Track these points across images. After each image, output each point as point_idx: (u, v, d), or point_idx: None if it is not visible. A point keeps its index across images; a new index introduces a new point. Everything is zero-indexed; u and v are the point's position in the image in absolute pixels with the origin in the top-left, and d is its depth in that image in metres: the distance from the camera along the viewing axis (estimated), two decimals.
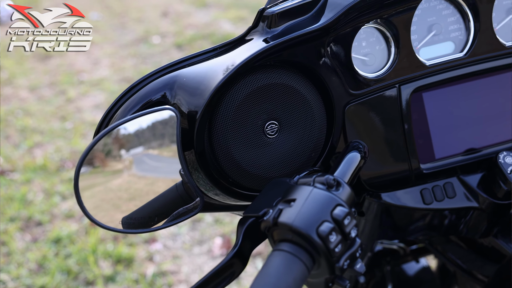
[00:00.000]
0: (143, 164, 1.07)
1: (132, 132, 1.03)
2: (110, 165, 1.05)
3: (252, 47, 0.99)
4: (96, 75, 5.57)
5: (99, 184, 1.05)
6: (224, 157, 1.01)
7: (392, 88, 1.09)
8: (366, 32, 1.08)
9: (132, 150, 1.06)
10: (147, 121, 1.01)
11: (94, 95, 5.11)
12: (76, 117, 4.71)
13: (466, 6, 1.12)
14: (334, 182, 0.84)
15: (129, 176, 1.08)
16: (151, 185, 1.09)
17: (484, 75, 1.16)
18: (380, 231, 1.27)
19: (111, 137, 1.02)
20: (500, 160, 1.11)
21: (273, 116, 1.02)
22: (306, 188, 0.83)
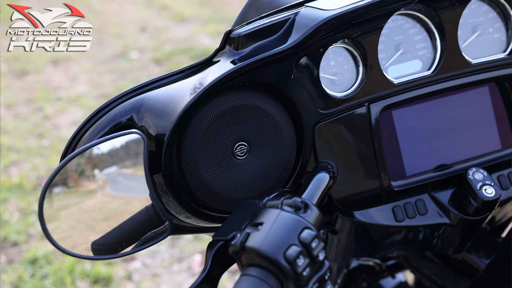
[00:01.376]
0: (114, 186, 1.06)
1: (99, 155, 1.02)
2: (80, 187, 1.04)
3: (220, 69, 0.99)
4: (74, 91, 5.52)
5: (66, 210, 1.03)
6: (193, 179, 1.00)
7: (362, 107, 1.10)
8: (334, 52, 1.09)
9: (103, 171, 1.05)
10: (115, 144, 1.00)
11: (72, 112, 5.07)
12: (53, 134, 4.66)
13: (432, 24, 1.13)
14: (302, 205, 0.84)
15: (99, 198, 1.07)
16: (121, 208, 1.08)
17: (452, 92, 1.17)
18: (355, 249, 1.27)
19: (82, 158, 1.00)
20: (470, 176, 1.12)
21: (242, 137, 1.02)
22: (274, 211, 0.83)
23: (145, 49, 6.48)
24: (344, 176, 1.11)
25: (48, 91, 5.55)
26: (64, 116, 5.01)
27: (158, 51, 6.36)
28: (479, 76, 1.17)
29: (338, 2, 1.05)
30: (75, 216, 1.05)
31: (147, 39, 6.83)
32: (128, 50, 6.48)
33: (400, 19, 1.13)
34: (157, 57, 6.18)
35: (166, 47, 6.47)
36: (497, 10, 1.19)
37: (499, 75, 1.19)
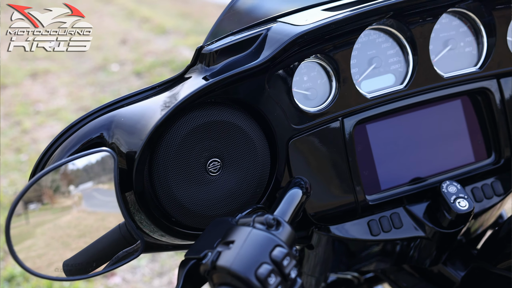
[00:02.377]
0: (89, 202, 1.04)
1: (75, 171, 1.01)
2: (55, 204, 1.02)
3: (191, 85, 0.98)
4: (53, 105, 5.47)
5: (41, 226, 1.02)
6: (165, 196, 0.99)
7: (335, 121, 1.10)
8: (307, 67, 1.09)
9: (79, 187, 1.04)
10: (90, 160, 0.99)
11: (51, 126, 5.01)
12: (32, 149, 4.60)
13: (404, 39, 1.14)
14: (274, 222, 0.83)
15: (75, 214, 1.05)
16: (97, 224, 1.06)
17: (425, 106, 1.18)
18: (333, 263, 1.27)
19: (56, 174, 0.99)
20: (444, 189, 1.13)
21: (215, 154, 1.01)
22: (245, 229, 0.82)
23: (125, 62, 6.45)
24: (318, 191, 1.10)
25: (27, 105, 5.49)
26: (42, 130, 4.95)
27: (138, 63, 6.33)
28: (451, 90, 1.18)
29: (310, 17, 1.06)
30: (50, 233, 1.03)
31: (127, 52, 6.80)
32: (108, 62, 6.45)
33: (373, 34, 1.14)
34: (137, 70, 6.15)
35: (147, 59, 6.45)
36: (467, 25, 1.20)
37: (471, 89, 1.20)
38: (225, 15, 1.07)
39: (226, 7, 1.07)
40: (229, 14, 1.08)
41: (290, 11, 1.11)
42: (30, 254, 0.98)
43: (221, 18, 1.07)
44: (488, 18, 1.17)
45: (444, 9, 1.14)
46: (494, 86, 1.20)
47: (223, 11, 1.07)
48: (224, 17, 1.07)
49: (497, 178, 1.25)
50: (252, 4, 1.15)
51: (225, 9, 1.07)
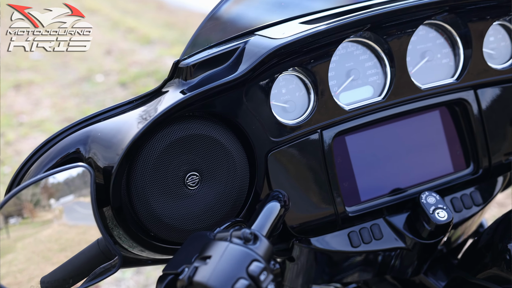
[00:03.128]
0: (71, 215, 1.03)
1: (55, 184, 1.00)
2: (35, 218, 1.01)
3: (168, 99, 0.98)
4: (37, 116, 5.42)
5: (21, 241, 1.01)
6: (143, 210, 0.98)
7: (314, 134, 1.10)
8: (285, 79, 1.09)
9: (60, 200, 1.03)
10: (71, 173, 0.98)
11: (35, 137, 4.97)
12: (15, 161, 4.55)
13: (382, 51, 1.15)
14: (251, 236, 0.83)
15: (56, 228, 1.04)
16: (78, 238, 1.06)
17: (404, 117, 1.19)
18: (315, 274, 1.27)
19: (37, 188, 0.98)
20: (423, 200, 1.13)
21: (193, 168, 1.00)
22: (222, 243, 0.82)
23: (110, 72, 6.42)
24: (298, 204, 1.10)
25: (10, 116, 5.44)
26: (26, 141, 4.91)
27: (123, 74, 6.31)
28: (429, 101, 1.19)
29: (288, 30, 1.06)
30: (30, 247, 1.02)
31: (112, 62, 6.77)
32: (93, 73, 6.41)
33: (350, 46, 1.14)
34: (122, 80, 6.13)
35: (132, 69, 6.43)
36: (444, 36, 1.21)
37: (449, 100, 1.21)
38: (202, 29, 1.08)
39: (203, 21, 1.08)
40: (206, 28, 1.08)
41: (268, 24, 1.12)
42: (11, 269, 0.97)
43: (198, 32, 1.07)
44: (464, 30, 1.19)
45: (421, 21, 1.15)
46: (471, 97, 1.21)
47: (200, 25, 1.07)
48: (201, 31, 1.08)
49: (476, 188, 1.26)
50: (230, 18, 1.15)
51: (202, 23, 1.08)
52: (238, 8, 1.20)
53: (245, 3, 1.21)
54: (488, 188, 1.28)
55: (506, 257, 1.05)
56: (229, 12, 1.17)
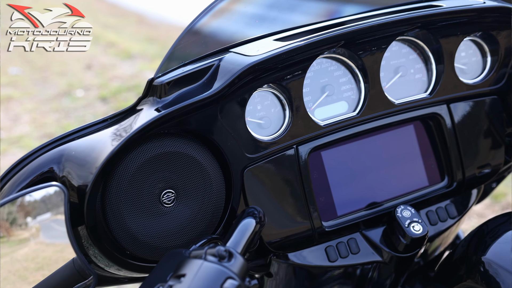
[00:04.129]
0: (48, 233, 1.02)
1: (32, 202, 0.99)
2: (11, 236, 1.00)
3: (143, 117, 0.98)
4: (16, 132, 5.36)
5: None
6: (119, 229, 0.98)
7: (290, 149, 1.11)
8: (260, 96, 1.10)
9: (36, 218, 1.02)
10: (43, 193, 0.98)
11: (13, 153, 4.91)
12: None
13: (356, 67, 1.16)
14: (226, 253, 0.83)
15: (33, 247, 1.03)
16: (56, 256, 1.04)
17: (379, 132, 1.20)
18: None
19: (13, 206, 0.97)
20: (398, 214, 1.14)
21: (169, 185, 1.00)
22: (197, 261, 0.81)
23: (90, 87, 6.39)
24: (275, 219, 1.11)
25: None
26: (4, 158, 4.85)
27: (104, 88, 6.28)
28: (403, 116, 1.21)
29: (262, 47, 1.07)
30: (7, 266, 1.01)
31: (92, 77, 6.74)
32: (73, 88, 6.37)
33: (325, 62, 1.16)
34: (103, 95, 6.10)
35: (113, 84, 6.40)
36: (417, 52, 1.23)
37: (423, 114, 1.22)
38: (176, 47, 1.08)
39: (177, 39, 1.08)
40: (180, 46, 1.09)
41: (243, 41, 1.13)
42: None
43: (172, 49, 1.07)
44: (436, 46, 1.21)
45: (394, 37, 1.17)
46: (444, 111, 1.23)
47: (174, 42, 1.08)
48: (175, 48, 1.08)
49: (451, 201, 1.27)
50: (204, 35, 1.16)
51: (176, 40, 1.08)
52: (213, 25, 1.21)
53: (220, 19, 1.22)
54: (463, 201, 1.30)
55: (481, 269, 1.07)
56: (204, 29, 1.17)
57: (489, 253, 1.07)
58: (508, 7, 1.20)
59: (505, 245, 1.06)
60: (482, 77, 1.27)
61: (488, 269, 1.05)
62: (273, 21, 1.28)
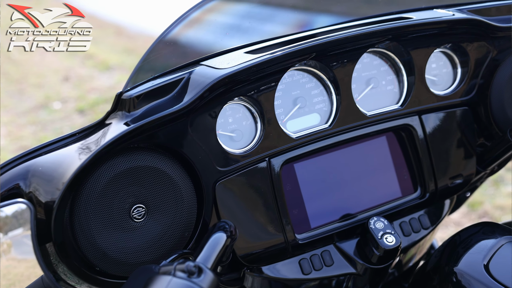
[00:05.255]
0: (20, 249, 1.00)
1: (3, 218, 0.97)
2: None
3: (111, 131, 0.97)
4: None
5: None
6: (88, 245, 0.96)
7: (262, 162, 1.10)
8: (232, 109, 1.09)
9: (8, 234, 1.00)
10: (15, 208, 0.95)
11: None
12: None
13: (327, 79, 1.16)
14: (195, 269, 0.82)
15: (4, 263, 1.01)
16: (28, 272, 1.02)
17: (352, 143, 1.20)
18: None
19: None
20: (371, 225, 1.14)
21: (139, 200, 0.99)
22: (165, 278, 0.80)
23: (68, 99, 6.33)
24: (248, 232, 1.10)
25: None
26: None
27: (81, 100, 6.22)
28: (375, 127, 1.21)
29: (233, 60, 1.07)
30: None
31: (70, 89, 6.68)
32: (50, 100, 6.31)
33: (296, 74, 1.16)
34: (80, 107, 6.04)
35: (90, 96, 6.35)
36: (388, 64, 1.24)
37: (395, 125, 1.23)
38: (146, 59, 1.07)
39: (146, 52, 1.07)
40: (150, 58, 1.08)
41: (213, 54, 1.12)
42: None
43: (141, 62, 1.06)
44: (407, 57, 1.22)
45: (364, 49, 1.17)
46: (416, 122, 1.24)
47: (144, 55, 1.07)
48: (145, 61, 1.07)
49: (425, 212, 1.28)
50: (174, 48, 1.15)
51: (145, 53, 1.07)
52: (185, 36, 1.20)
53: (192, 30, 1.22)
54: (436, 212, 1.30)
55: (453, 279, 1.07)
56: (175, 40, 1.17)
57: (461, 263, 1.07)
58: (477, 19, 1.22)
59: (477, 255, 1.07)
60: (453, 88, 1.29)
61: (460, 279, 1.05)
62: (246, 32, 1.28)
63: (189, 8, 1.18)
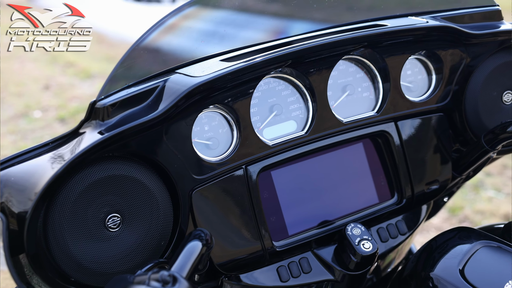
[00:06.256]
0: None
1: None
2: None
3: (85, 141, 0.96)
4: None
5: None
6: (62, 255, 0.95)
7: (239, 170, 1.10)
8: (207, 117, 1.09)
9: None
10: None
11: None
12: None
13: (303, 86, 1.17)
14: (170, 278, 0.81)
15: None
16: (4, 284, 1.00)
17: (328, 150, 1.21)
18: None
19: None
20: (348, 232, 1.14)
21: (114, 209, 0.98)
22: (140, 287, 0.79)
23: (48, 108, 6.27)
24: (225, 240, 1.09)
25: None
26: None
27: (62, 109, 6.17)
28: (352, 134, 1.22)
29: (208, 68, 1.07)
30: None
31: (51, 97, 6.62)
32: (30, 109, 6.24)
33: (273, 82, 1.16)
34: (61, 116, 5.99)
35: (71, 104, 6.30)
36: (364, 70, 1.25)
37: (371, 132, 1.24)
38: (119, 68, 1.07)
39: (120, 60, 1.07)
40: (124, 67, 1.07)
41: (189, 62, 1.12)
42: None
43: (115, 71, 1.06)
44: (382, 64, 1.23)
45: (340, 56, 1.18)
46: (392, 128, 1.25)
47: (117, 64, 1.07)
48: (118, 69, 1.07)
49: (402, 218, 1.29)
50: (149, 56, 1.14)
51: (119, 61, 1.07)
52: (160, 44, 1.20)
53: (168, 37, 1.21)
54: (413, 217, 1.31)
55: (429, 285, 1.07)
56: (150, 48, 1.16)
57: (437, 268, 1.08)
58: (451, 26, 1.23)
59: (452, 260, 1.07)
60: (428, 95, 1.30)
61: (436, 284, 1.06)
62: (223, 39, 1.28)
63: (164, 15, 1.18)
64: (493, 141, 1.22)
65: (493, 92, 1.31)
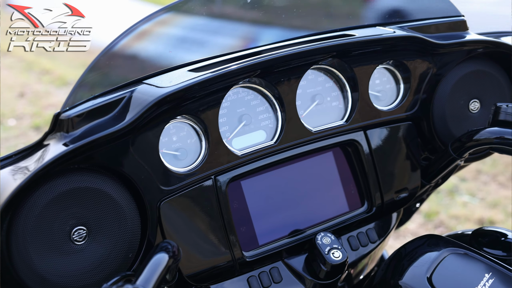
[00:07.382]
0: None
1: None
2: None
3: (49, 153, 0.95)
4: None
5: None
6: (25, 269, 0.93)
7: (208, 180, 1.10)
8: (176, 127, 1.09)
9: None
10: None
11: None
12: None
13: (272, 96, 1.17)
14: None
15: None
16: None
17: (298, 160, 1.21)
18: None
19: None
20: (318, 241, 1.15)
21: (80, 221, 0.97)
22: None
23: (23, 116, 6.18)
24: (194, 251, 1.09)
25: None
26: None
27: (38, 117, 6.09)
28: (322, 143, 1.22)
29: (175, 78, 1.06)
30: None
31: (25, 105, 6.53)
32: (4, 118, 6.15)
33: (241, 92, 1.16)
34: (36, 124, 5.91)
35: (47, 112, 6.22)
36: (333, 80, 1.26)
37: (341, 141, 1.24)
38: (85, 78, 1.06)
39: (86, 70, 1.06)
40: (89, 79, 1.07)
41: (156, 72, 1.12)
42: None
43: (80, 81, 1.05)
44: (350, 74, 1.24)
45: (308, 66, 1.19)
46: (361, 137, 1.26)
47: (82, 74, 1.06)
48: (84, 80, 1.06)
49: (372, 226, 1.29)
50: (115, 66, 1.14)
51: (85, 71, 1.06)
52: (129, 52, 1.19)
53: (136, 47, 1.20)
54: (384, 225, 1.32)
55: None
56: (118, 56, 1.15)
57: (406, 276, 1.08)
58: (417, 36, 1.25)
59: (421, 268, 1.08)
60: (396, 104, 1.31)
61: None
62: (187, 52, 1.28)
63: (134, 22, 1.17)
64: (460, 149, 1.23)
65: (460, 100, 1.33)
